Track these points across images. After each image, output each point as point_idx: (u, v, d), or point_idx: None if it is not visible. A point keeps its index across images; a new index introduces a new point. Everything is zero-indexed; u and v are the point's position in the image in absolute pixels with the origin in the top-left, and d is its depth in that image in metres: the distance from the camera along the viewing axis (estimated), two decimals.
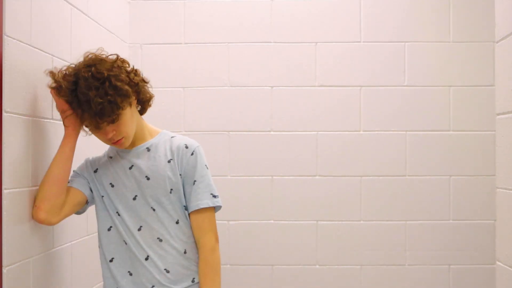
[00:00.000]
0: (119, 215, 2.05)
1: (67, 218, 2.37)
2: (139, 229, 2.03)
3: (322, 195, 3.32)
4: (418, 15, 3.33)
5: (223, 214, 2.25)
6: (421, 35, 3.32)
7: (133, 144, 2.09)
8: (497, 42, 2.01)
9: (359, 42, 3.33)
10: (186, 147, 2.09)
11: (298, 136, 3.36)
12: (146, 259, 2.02)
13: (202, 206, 2.05)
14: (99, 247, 2.12)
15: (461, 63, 3.32)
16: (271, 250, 3.33)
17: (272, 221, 3.34)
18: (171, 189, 2.06)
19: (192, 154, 2.08)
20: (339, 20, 3.34)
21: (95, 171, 2.10)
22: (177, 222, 2.06)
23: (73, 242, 2.43)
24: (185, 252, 2.06)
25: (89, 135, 2.08)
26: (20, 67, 1.96)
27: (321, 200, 3.32)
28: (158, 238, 2.04)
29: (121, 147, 2.06)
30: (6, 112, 1.86)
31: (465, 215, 3.30)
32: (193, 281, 2.06)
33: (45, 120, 2.17)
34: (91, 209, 2.24)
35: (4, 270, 1.83)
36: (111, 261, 2.05)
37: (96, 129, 1.97)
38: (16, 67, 1.92)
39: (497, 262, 1.98)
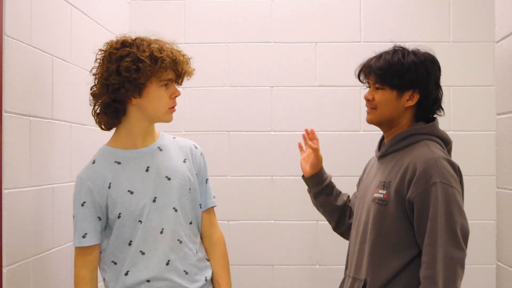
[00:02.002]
0: (141, 222, 1.94)
1: (67, 218, 2.37)
2: (161, 232, 1.95)
3: None
4: (418, 15, 3.33)
5: (223, 214, 2.25)
6: (421, 35, 3.32)
7: (145, 143, 2.01)
8: (497, 42, 2.01)
9: (359, 42, 3.33)
10: (196, 148, 2.12)
11: (298, 136, 3.34)
12: (167, 264, 1.96)
13: (214, 205, 2.13)
14: (112, 262, 1.97)
15: (461, 63, 3.31)
16: (271, 250, 3.33)
17: (272, 221, 3.34)
18: (189, 189, 2.04)
19: (201, 154, 2.13)
20: (339, 20, 3.34)
21: (109, 187, 1.94)
22: (190, 223, 2.04)
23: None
24: (196, 252, 2.05)
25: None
26: (20, 67, 1.96)
27: None
28: (178, 239, 1.99)
29: (171, 118, 2.01)
30: (6, 112, 1.86)
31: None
32: (206, 279, 2.05)
33: (45, 120, 2.17)
34: None
35: (4, 270, 1.83)
36: (126, 274, 1.95)
37: (170, 82, 1.96)
38: (16, 67, 1.92)
39: (497, 262, 1.99)
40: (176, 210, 1.98)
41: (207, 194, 2.11)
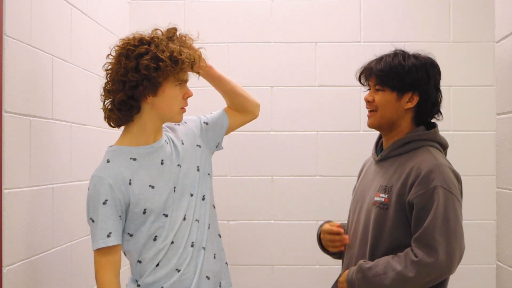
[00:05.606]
0: (166, 216, 1.93)
1: (67, 218, 2.37)
2: (184, 219, 1.96)
3: (322, 195, 3.32)
4: (418, 15, 3.33)
5: (223, 214, 2.25)
6: (421, 35, 3.32)
7: (156, 139, 1.98)
8: (497, 42, 2.01)
9: (359, 42, 3.33)
10: (179, 124, 2.10)
11: (298, 136, 3.36)
12: (192, 245, 1.96)
13: None
14: (138, 262, 1.94)
15: (461, 63, 3.32)
16: (271, 250, 3.33)
17: (272, 221, 3.34)
18: (198, 167, 2.04)
19: (185, 122, 2.11)
20: (339, 20, 3.34)
21: (130, 183, 1.90)
22: (214, 206, 2.08)
23: (73, 242, 2.43)
24: (220, 236, 2.10)
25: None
26: (20, 67, 1.96)
27: (321, 200, 3.32)
28: (196, 220, 2.00)
29: (182, 118, 2.02)
30: (6, 112, 1.86)
31: (465, 215, 3.24)
32: (226, 264, 2.11)
33: (45, 120, 2.17)
34: None
35: (4, 270, 1.84)
36: (157, 265, 1.93)
37: (184, 82, 1.98)
38: (16, 67, 1.92)
39: (497, 262, 1.99)
40: (191, 195, 1.99)
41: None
